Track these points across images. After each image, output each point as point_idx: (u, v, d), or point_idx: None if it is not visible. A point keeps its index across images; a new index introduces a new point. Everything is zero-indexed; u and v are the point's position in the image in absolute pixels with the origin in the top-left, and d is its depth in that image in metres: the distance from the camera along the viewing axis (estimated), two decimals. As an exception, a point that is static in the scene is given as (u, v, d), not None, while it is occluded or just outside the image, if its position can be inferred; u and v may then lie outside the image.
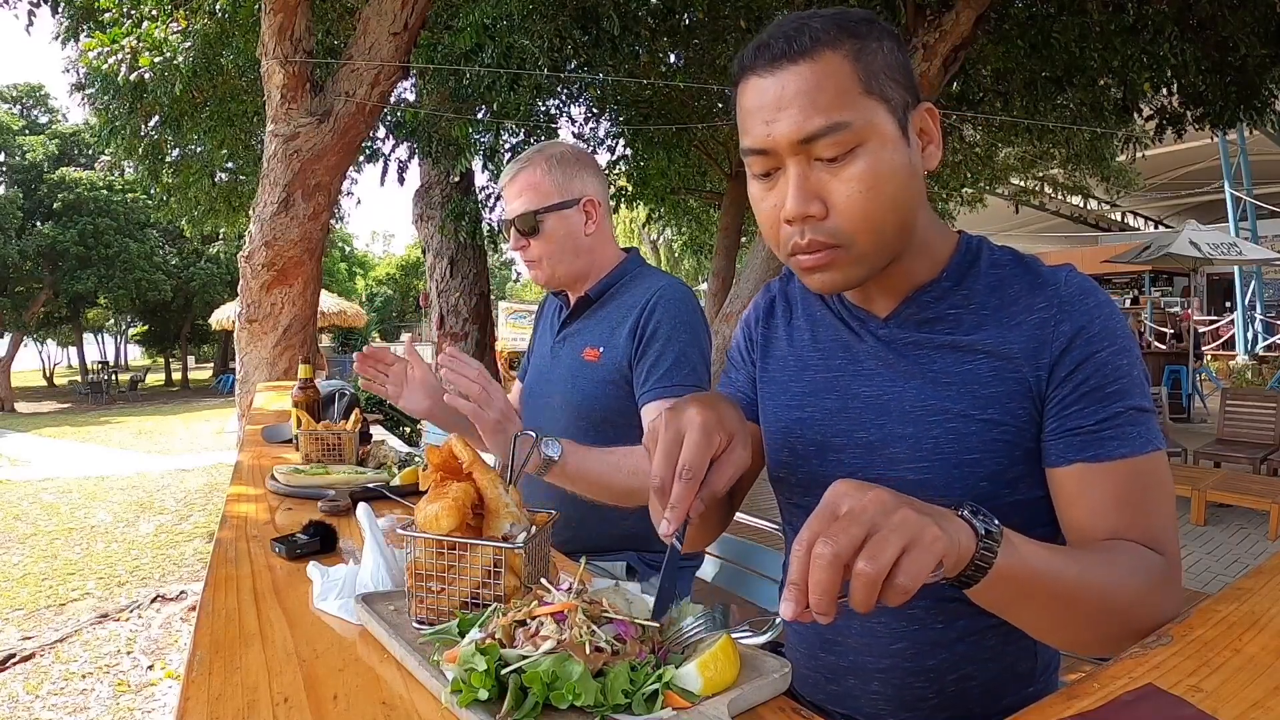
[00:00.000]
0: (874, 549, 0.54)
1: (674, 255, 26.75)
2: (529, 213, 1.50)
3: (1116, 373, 0.76)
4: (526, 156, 1.54)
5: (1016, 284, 0.82)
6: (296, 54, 3.90)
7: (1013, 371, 0.79)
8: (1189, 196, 18.14)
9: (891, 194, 0.75)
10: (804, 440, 0.91)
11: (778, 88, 0.74)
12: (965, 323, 0.83)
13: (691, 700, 0.61)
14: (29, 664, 3.43)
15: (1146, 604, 0.70)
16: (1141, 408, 0.76)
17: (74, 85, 6.73)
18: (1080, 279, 0.81)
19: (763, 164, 0.77)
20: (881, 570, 0.53)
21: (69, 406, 18.93)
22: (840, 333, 0.91)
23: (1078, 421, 0.76)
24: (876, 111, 0.74)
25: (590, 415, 1.48)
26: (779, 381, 0.96)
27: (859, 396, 0.87)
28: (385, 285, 38.19)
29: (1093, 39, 5.33)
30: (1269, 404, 5.92)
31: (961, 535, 0.59)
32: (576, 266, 1.55)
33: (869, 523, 0.55)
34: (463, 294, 7.26)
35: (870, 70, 0.74)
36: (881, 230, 0.76)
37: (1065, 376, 0.77)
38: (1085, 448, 0.76)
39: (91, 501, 7.09)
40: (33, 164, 19.75)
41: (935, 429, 0.81)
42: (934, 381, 0.82)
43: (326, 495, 1.37)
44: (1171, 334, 12.04)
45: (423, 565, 0.79)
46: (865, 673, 0.88)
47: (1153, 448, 0.76)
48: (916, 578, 0.54)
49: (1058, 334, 0.78)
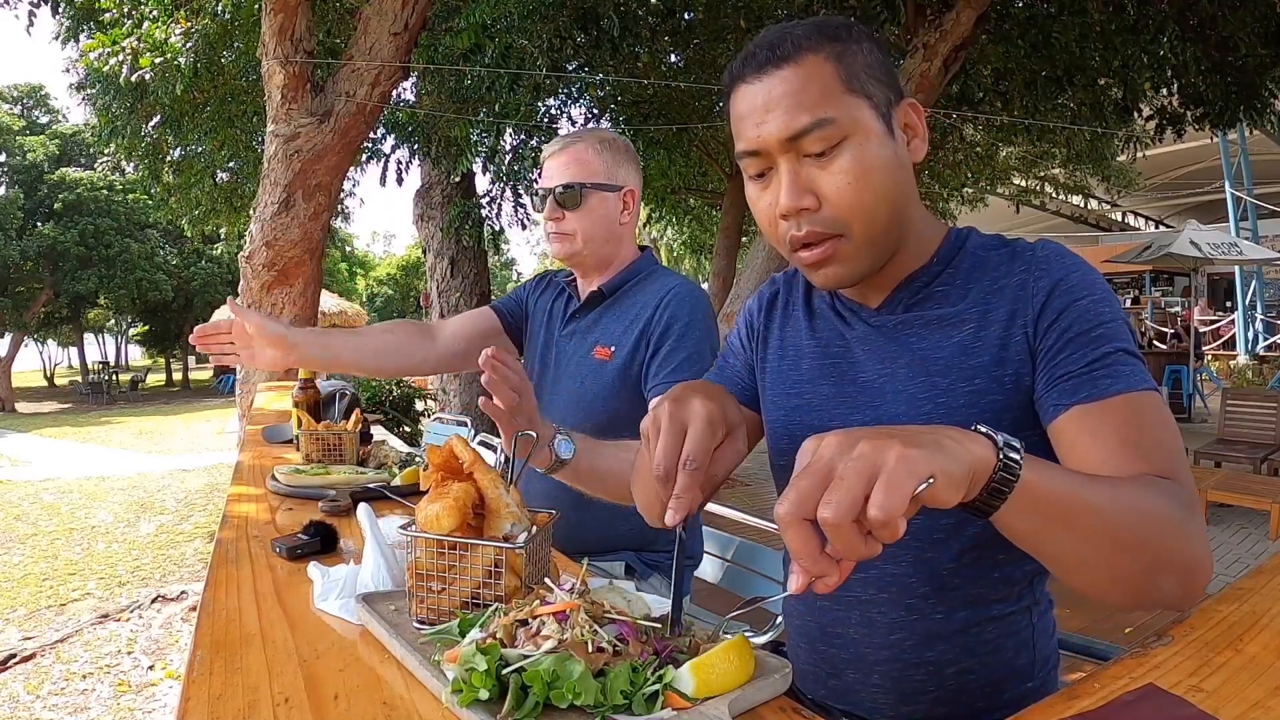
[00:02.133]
0: (831, 493, 0.50)
1: (674, 255, 26.74)
2: (575, 184, 1.50)
3: (1100, 318, 0.77)
4: (576, 134, 1.55)
5: (997, 256, 0.86)
6: (297, 54, 3.90)
7: (998, 337, 0.81)
8: (1189, 196, 18.13)
9: (879, 183, 0.78)
10: (803, 426, 0.93)
11: (765, 92, 0.78)
12: (951, 296, 0.86)
13: (691, 700, 0.61)
14: (29, 664, 3.43)
15: (1180, 534, 0.66)
16: (1129, 350, 0.76)
17: (74, 85, 6.73)
18: (1056, 246, 0.84)
19: (757, 165, 0.82)
20: (841, 513, 0.50)
21: (69, 407, 18.95)
22: (834, 322, 0.94)
23: (1067, 367, 0.77)
24: (860, 108, 0.78)
25: (598, 414, 1.47)
26: (779, 370, 0.98)
27: (854, 382, 0.90)
28: (386, 285, 38.19)
29: (1093, 39, 5.33)
30: (1269, 404, 5.91)
31: (974, 447, 0.56)
32: (605, 251, 1.55)
33: (826, 467, 0.52)
34: (463, 294, 7.26)
35: (851, 70, 0.79)
36: (874, 217, 0.79)
37: (1049, 326, 0.79)
38: (1078, 390, 0.75)
39: (92, 502, 7.09)
40: (33, 164, 19.77)
41: (925, 405, 0.83)
42: (921, 359, 0.85)
43: (327, 495, 1.37)
44: (1172, 334, 12.04)
45: (423, 565, 0.79)
46: (866, 664, 0.89)
47: (1147, 386, 0.75)
48: (889, 508, 0.49)
49: (1037, 289, 0.80)
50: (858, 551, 0.51)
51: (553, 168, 1.53)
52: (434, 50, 5.12)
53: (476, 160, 5.61)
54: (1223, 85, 5.54)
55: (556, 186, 1.51)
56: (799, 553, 0.52)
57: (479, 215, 6.60)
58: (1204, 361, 11.74)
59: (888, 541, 0.51)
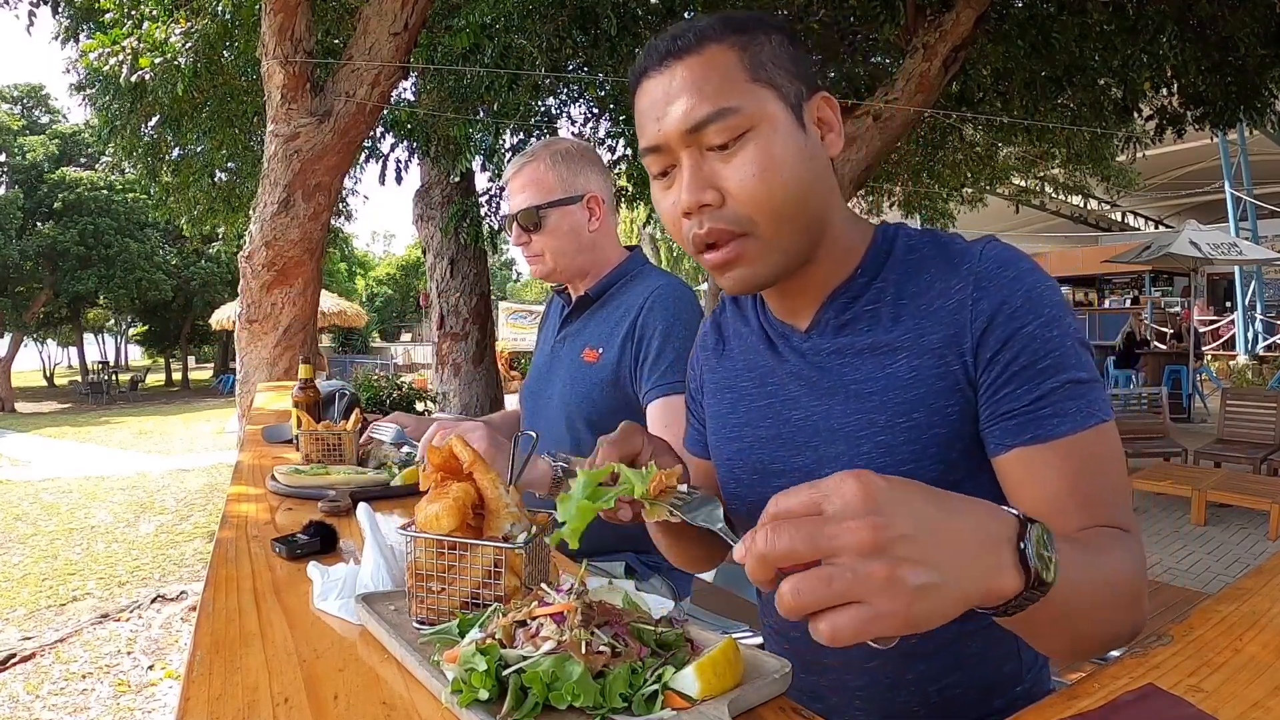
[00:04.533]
0: (808, 584, 0.45)
1: (674, 254, 26.75)
2: (531, 208, 1.49)
3: (1046, 345, 0.71)
4: (531, 151, 1.53)
5: (932, 267, 0.78)
6: (297, 54, 3.90)
7: (935, 367, 0.75)
8: (1189, 196, 18.13)
9: (786, 177, 0.74)
10: (746, 468, 0.90)
11: (666, 83, 0.75)
12: (883, 318, 0.79)
13: (691, 701, 0.61)
14: (29, 664, 3.43)
15: (1137, 601, 0.67)
16: (1078, 379, 0.71)
17: (74, 85, 6.73)
18: (999, 250, 0.76)
19: (659, 162, 0.78)
20: (803, 610, 0.45)
21: (69, 406, 18.94)
22: (766, 357, 0.89)
23: (1010, 405, 0.72)
24: (766, 99, 0.74)
25: (587, 416, 1.48)
26: (719, 415, 0.95)
27: (789, 421, 0.85)
28: (385, 285, 38.21)
29: (1093, 39, 5.33)
30: (1269, 404, 5.92)
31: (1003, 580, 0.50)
32: (579, 262, 1.55)
33: (829, 542, 0.45)
34: (463, 294, 7.26)
35: (757, 60, 0.75)
36: (781, 213, 0.74)
37: (991, 358, 0.73)
38: (1022, 430, 0.71)
39: (92, 501, 7.09)
40: (33, 164, 19.76)
41: (865, 444, 0.78)
42: (856, 395, 0.79)
43: (326, 495, 1.37)
44: (1171, 334, 12.04)
45: (423, 565, 0.79)
46: (847, 690, 0.87)
47: (1095, 420, 0.70)
48: (837, 640, 0.44)
49: (977, 314, 0.73)
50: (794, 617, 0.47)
51: (512, 191, 1.53)
52: (433, 50, 5.12)
53: (475, 160, 5.61)
54: (1223, 85, 5.54)
55: (516, 212, 1.51)
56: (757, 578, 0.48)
57: (478, 214, 6.60)
58: (1204, 361, 11.74)
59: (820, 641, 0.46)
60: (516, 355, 17.88)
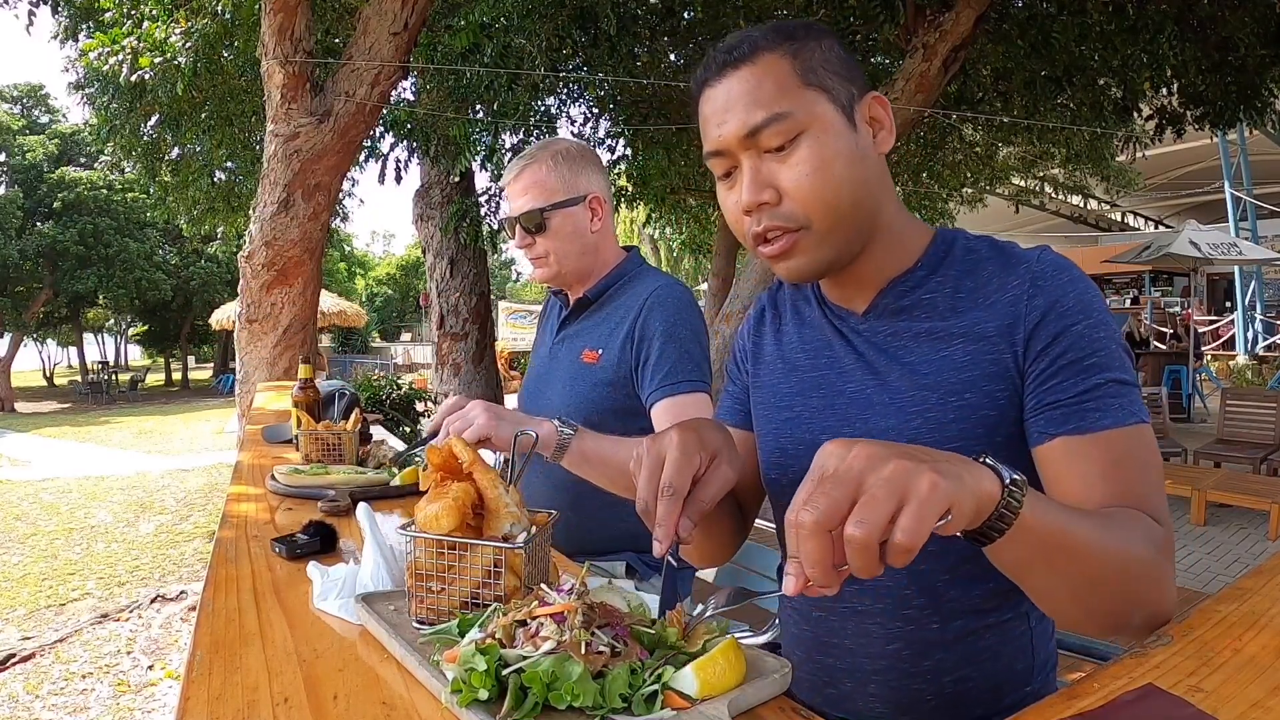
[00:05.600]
0: (863, 510, 0.50)
1: (674, 255, 26.73)
2: (534, 210, 1.49)
3: (1094, 345, 0.76)
4: (530, 153, 1.53)
5: (990, 265, 0.84)
6: (296, 54, 3.89)
7: (989, 353, 0.80)
8: (1189, 196, 18.12)
9: (839, 175, 0.78)
10: (793, 439, 0.93)
11: (724, 92, 0.81)
12: (940, 307, 0.84)
13: (691, 701, 0.61)
14: (29, 664, 3.43)
15: (1156, 575, 0.69)
16: (1121, 380, 0.75)
17: (73, 85, 6.72)
18: (1055, 257, 0.82)
19: (722, 165, 0.84)
20: (872, 533, 0.49)
21: (69, 406, 18.93)
22: (824, 332, 0.93)
23: (1056, 395, 0.76)
24: (817, 101, 0.79)
25: (587, 417, 1.48)
26: (769, 385, 0.98)
27: (843, 394, 0.89)
28: (385, 285, 38.21)
29: (1093, 39, 5.32)
30: (1269, 404, 5.92)
31: (983, 481, 0.56)
32: (582, 264, 1.54)
33: (855, 480, 0.51)
34: (463, 294, 7.25)
35: (808, 65, 0.80)
36: (835, 209, 0.79)
37: (1041, 350, 0.77)
38: (1066, 420, 0.75)
39: (91, 501, 7.09)
40: (33, 164, 19.75)
41: (915, 419, 0.82)
42: (911, 371, 0.84)
43: (326, 495, 1.37)
44: (1171, 334, 12.04)
45: (423, 565, 0.79)
46: (862, 674, 0.88)
47: (1136, 420, 0.75)
48: (916, 534, 0.49)
49: (1031, 309, 0.78)
50: (872, 570, 0.51)
51: (513, 194, 1.52)
52: (433, 50, 5.12)
53: (475, 159, 5.60)
54: (1222, 85, 5.54)
55: (518, 215, 1.50)
56: (813, 561, 0.51)
57: (478, 214, 6.59)
58: (1203, 361, 11.74)
59: (899, 566, 0.51)
60: (516, 355, 17.89)
